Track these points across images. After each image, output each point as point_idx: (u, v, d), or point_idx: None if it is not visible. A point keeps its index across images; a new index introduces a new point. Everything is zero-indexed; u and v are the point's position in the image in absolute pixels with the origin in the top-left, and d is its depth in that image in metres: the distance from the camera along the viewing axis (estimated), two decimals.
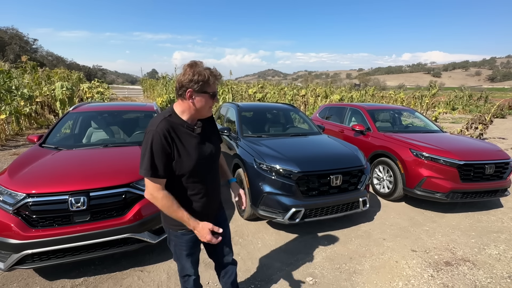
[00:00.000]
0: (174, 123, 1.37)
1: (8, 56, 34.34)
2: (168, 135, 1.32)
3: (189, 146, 1.38)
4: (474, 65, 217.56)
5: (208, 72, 1.32)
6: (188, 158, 1.37)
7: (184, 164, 1.36)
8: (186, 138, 1.39)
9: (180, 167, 1.36)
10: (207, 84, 1.33)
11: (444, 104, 22.73)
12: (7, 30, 44.98)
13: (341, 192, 3.19)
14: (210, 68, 1.35)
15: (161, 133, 1.30)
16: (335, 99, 14.55)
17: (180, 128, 1.38)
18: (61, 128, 3.56)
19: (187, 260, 1.57)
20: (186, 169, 1.37)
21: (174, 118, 1.38)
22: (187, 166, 1.37)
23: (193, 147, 1.40)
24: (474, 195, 3.84)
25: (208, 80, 1.32)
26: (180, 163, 1.36)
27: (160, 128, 1.31)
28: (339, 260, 2.74)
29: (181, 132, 1.38)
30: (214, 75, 1.35)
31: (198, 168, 1.41)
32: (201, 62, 1.35)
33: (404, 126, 5.70)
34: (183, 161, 1.36)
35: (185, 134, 1.39)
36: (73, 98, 9.42)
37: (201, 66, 1.33)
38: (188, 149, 1.38)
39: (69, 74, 20.30)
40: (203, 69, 1.32)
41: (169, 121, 1.36)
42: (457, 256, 2.87)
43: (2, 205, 2.20)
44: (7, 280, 2.37)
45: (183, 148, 1.37)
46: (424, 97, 18.69)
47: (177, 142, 1.35)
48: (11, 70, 9.41)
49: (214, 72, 1.35)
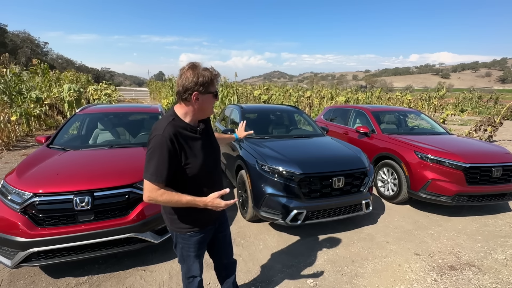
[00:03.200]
0: (178, 126, 1.38)
1: (20, 59, 35.23)
2: (175, 139, 1.33)
3: (195, 149, 1.41)
4: (484, 66, 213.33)
5: (209, 73, 1.35)
6: (195, 160, 1.39)
7: (192, 166, 1.38)
8: (191, 141, 1.41)
9: (189, 170, 1.38)
10: (211, 84, 1.37)
11: (452, 105, 22.37)
12: (19, 34, 46.19)
13: (343, 194, 3.18)
14: (208, 68, 1.38)
15: (168, 137, 1.30)
16: (340, 101, 14.47)
17: (184, 132, 1.39)
18: (68, 129, 3.65)
19: (194, 261, 1.59)
20: (194, 171, 1.39)
21: (177, 122, 1.39)
22: (195, 168, 1.39)
23: (199, 149, 1.42)
24: (481, 199, 3.76)
25: (211, 80, 1.36)
26: (188, 166, 1.37)
27: (167, 132, 1.31)
28: (341, 263, 2.73)
29: (185, 135, 1.39)
30: (215, 75, 1.38)
31: (205, 169, 1.43)
32: (200, 64, 1.37)
33: (410, 128, 5.63)
34: (191, 164, 1.38)
35: (189, 137, 1.41)
36: (81, 100, 9.61)
37: (201, 67, 1.36)
38: (195, 152, 1.40)
39: (78, 76, 20.71)
40: (204, 71, 1.35)
41: (174, 125, 1.36)
42: (462, 260, 2.82)
43: (10, 204, 2.27)
44: (14, 277, 2.43)
45: (190, 151, 1.38)
46: (432, 99, 18.43)
47: (184, 145, 1.37)
48: (22, 73, 9.66)
49: (214, 71, 1.38)
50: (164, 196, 1.30)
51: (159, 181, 1.29)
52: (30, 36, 47.59)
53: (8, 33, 43.18)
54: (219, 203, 1.36)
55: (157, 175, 1.29)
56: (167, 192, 1.31)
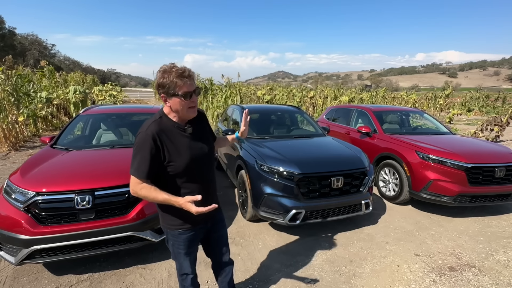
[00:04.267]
0: (164, 125, 1.42)
1: (28, 61, 35.92)
2: (158, 137, 1.37)
3: (180, 146, 1.43)
4: (493, 65, 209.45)
5: (173, 75, 1.31)
6: (180, 158, 1.41)
7: (176, 164, 1.40)
8: (178, 138, 1.43)
9: (172, 167, 1.41)
10: (175, 87, 1.32)
11: (459, 105, 22.04)
12: (27, 36, 47.11)
13: (343, 194, 3.18)
14: (177, 68, 1.33)
15: (151, 136, 1.36)
16: (344, 101, 14.39)
17: (171, 129, 1.43)
18: (72, 130, 3.72)
19: (185, 259, 1.62)
20: (178, 169, 1.41)
21: (164, 120, 1.44)
22: (179, 165, 1.41)
23: (185, 146, 1.44)
24: (484, 199, 3.72)
25: (174, 83, 1.31)
26: (171, 163, 1.40)
27: (150, 130, 1.37)
28: (339, 263, 2.73)
29: (172, 133, 1.42)
30: (181, 76, 1.31)
31: (190, 167, 1.44)
32: (173, 65, 1.34)
33: (412, 128, 5.58)
34: (175, 161, 1.40)
35: (176, 135, 1.44)
36: (87, 100, 9.77)
37: (168, 70, 1.32)
38: (179, 149, 1.42)
39: (84, 77, 21.04)
40: (168, 73, 1.31)
41: (160, 123, 1.42)
42: (462, 261, 2.80)
43: (14, 203, 2.33)
44: (18, 274, 2.49)
45: (174, 148, 1.41)
46: (438, 98, 18.19)
47: (168, 143, 1.40)
48: (27, 75, 9.85)
49: (181, 72, 1.32)
50: (143, 191, 1.36)
51: (141, 177, 1.35)
52: (38, 38, 48.52)
53: (17, 35, 44.09)
54: (189, 208, 1.31)
55: (139, 171, 1.35)
56: (147, 187, 1.36)
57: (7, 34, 41.67)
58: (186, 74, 1.33)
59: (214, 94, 13.96)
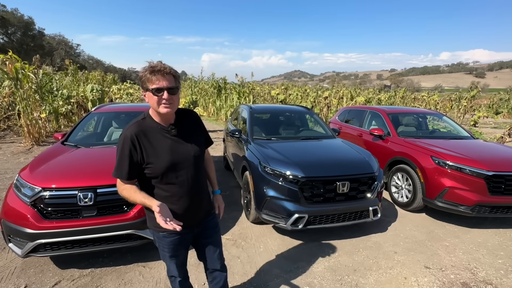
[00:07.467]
0: (146, 126, 1.40)
1: (55, 60, 37.90)
2: (136, 138, 1.35)
3: (160, 148, 1.39)
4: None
5: (147, 70, 1.30)
6: (158, 160, 1.37)
7: (153, 166, 1.37)
8: (159, 140, 1.40)
9: (150, 169, 1.38)
10: (147, 81, 1.30)
11: (485, 107, 20.78)
12: (55, 37, 49.81)
13: (348, 200, 3.05)
14: (152, 64, 1.31)
15: (129, 136, 1.34)
16: (360, 101, 13.97)
17: (153, 130, 1.40)
18: (83, 127, 3.83)
19: (171, 262, 1.60)
20: (156, 171, 1.38)
21: (147, 121, 1.42)
22: (157, 168, 1.38)
23: (166, 149, 1.40)
24: (506, 210, 3.44)
25: (145, 76, 1.30)
26: (149, 165, 1.37)
27: (129, 131, 1.36)
28: (341, 272, 2.62)
29: (153, 135, 1.39)
30: (152, 71, 1.29)
31: (170, 170, 1.40)
32: (154, 64, 1.31)
33: (429, 132, 5.29)
34: (153, 163, 1.37)
35: (158, 136, 1.40)
36: (104, 98, 10.11)
37: (147, 66, 1.32)
38: (158, 151, 1.38)
39: (104, 76, 21.85)
40: (145, 68, 1.31)
41: (141, 124, 1.39)
42: (477, 277, 2.59)
43: (22, 197, 2.42)
44: (26, 265, 2.60)
45: (153, 150, 1.38)
46: (462, 100, 17.22)
47: (146, 144, 1.37)
48: (53, 73, 10.36)
49: (153, 67, 1.30)
50: (124, 192, 1.39)
51: (121, 177, 1.38)
52: (65, 39, 51.17)
53: (45, 36, 46.69)
54: (157, 217, 1.24)
55: (118, 171, 1.37)
56: (127, 187, 1.38)
57: (37, 35, 44.23)
58: (157, 69, 1.29)
59: (228, 93, 14.01)
